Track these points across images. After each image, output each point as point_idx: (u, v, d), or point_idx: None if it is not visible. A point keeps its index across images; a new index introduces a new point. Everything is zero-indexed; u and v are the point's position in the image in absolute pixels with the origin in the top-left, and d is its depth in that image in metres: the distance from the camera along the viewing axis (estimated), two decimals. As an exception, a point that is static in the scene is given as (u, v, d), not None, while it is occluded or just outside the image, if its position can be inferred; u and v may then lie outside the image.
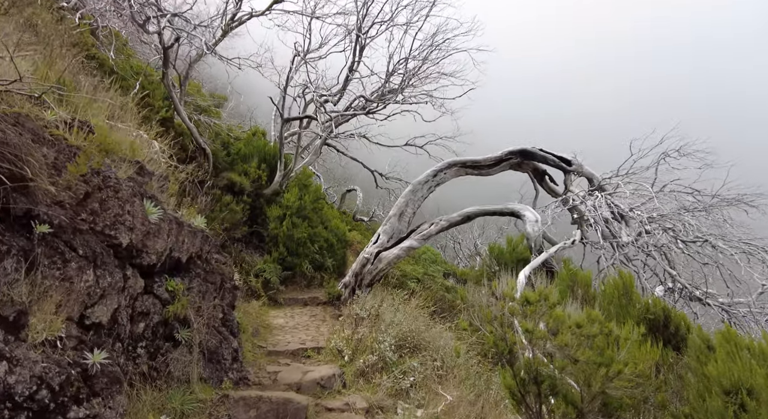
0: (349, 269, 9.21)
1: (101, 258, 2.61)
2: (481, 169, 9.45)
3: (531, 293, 3.88)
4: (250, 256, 9.98)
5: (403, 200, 9.16)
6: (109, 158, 3.29)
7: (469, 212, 8.44)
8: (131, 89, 9.34)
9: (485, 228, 20.27)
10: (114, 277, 2.70)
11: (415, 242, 8.53)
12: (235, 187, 10.59)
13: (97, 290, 2.52)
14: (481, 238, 20.40)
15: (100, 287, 2.54)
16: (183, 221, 4.01)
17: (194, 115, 11.66)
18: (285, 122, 10.89)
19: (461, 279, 15.02)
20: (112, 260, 2.80)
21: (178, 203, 8.93)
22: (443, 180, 9.40)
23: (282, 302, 8.98)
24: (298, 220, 10.50)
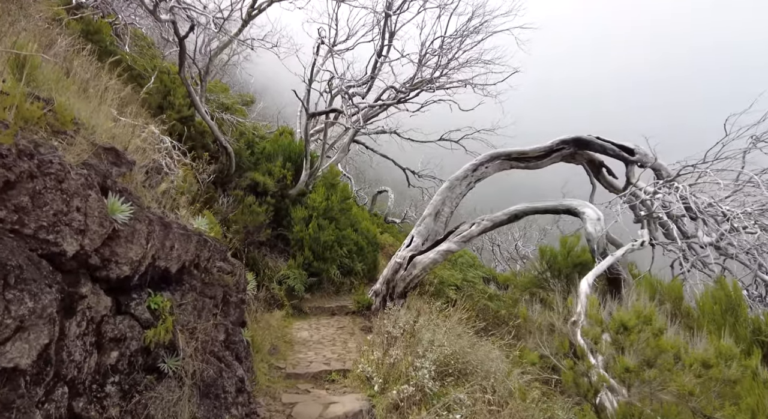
0: (380, 275, 8.31)
1: (19, 275, 1.84)
2: (528, 161, 8.34)
3: (625, 314, 2.84)
4: (274, 261, 9.28)
5: (439, 197, 8.19)
6: (60, 139, 2.54)
7: (517, 210, 7.36)
8: (148, 85, 8.87)
9: (527, 229, 18.90)
10: (42, 300, 1.92)
11: (454, 245, 7.54)
12: (259, 187, 9.94)
13: (8, 320, 1.74)
14: (523, 239, 19.03)
15: (13, 317, 1.76)
16: (171, 222, 3.23)
17: (217, 113, 11.13)
18: (310, 118, 10.16)
19: (503, 285, 13.83)
20: (47, 276, 2.04)
21: (193, 203, 8.36)
22: (484, 175, 8.37)
23: (307, 312, 8.20)
24: (324, 222, 9.73)
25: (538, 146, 8.19)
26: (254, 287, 8.02)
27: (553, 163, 8.37)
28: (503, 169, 8.45)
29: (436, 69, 9.81)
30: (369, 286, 13.44)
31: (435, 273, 9.76)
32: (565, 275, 7.74)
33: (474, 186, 8.43)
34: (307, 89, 10.02)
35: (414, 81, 9.99)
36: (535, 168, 8.38)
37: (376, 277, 14.70)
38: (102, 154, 2.99)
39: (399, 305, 7.51)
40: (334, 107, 9.49)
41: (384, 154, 13.83)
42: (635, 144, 7.74)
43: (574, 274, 7.72)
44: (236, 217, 8.80)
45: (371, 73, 9.94)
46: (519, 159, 8.36)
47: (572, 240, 7.81)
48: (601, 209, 6.94)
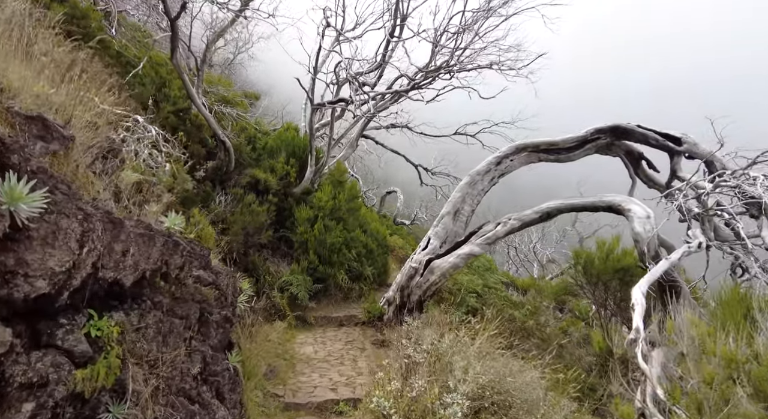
0: (393, 282, 7.45)
1: None
2: (558, 153, 7.44)
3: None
4: (276, 265, 8.46)
5: (458, 194, 7.32)
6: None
7: (550, 207, 6.46)
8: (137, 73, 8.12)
9: (545, 229, 17.92)
10: None
11: (477, 248, 6.66)
12: (260, 185, 9.14)
13: None
14: (541, 241, 18.05)
15: None
16: (124, 219, 2.41)
17: (216, 105, 10.36)
18: (315, 109, 9.35)
19: (522, 290, 12.90)
20: None
21: (184, 201, 7.57)
22: (509, 169, 7.49)
23: (312, 322, 7.37)
24: (331, 222, 8.90)
25: (571, 136, 7.29)
26: (252, 296, 7.22)
27: (586, 154, 7.46)
28: (530, 162, 7.57)
29: (454, 51, 8.89)
30: (379, 292, 12.59)
31: (453, 278, 8.88)
32: (603, 282, 6.82)
33: (497, 181, 7.55)
34: (312, 78, 9.21)
35: (429, 66, 9.09)
36: (567, 161, 7.48)
37: (386, 282, 13.86)
38: (22, 124, 2.17)
39: (416, 318, 6.66)
40: (342, 97, 8.67)
41: (395, 149, 12.96)
42: (682, 133, 6.81)
43: (614, 281, 6.80)
44: (235, 217, 8.00)
45: (382, 59, 9.06)
46: (548, 151, 7.47)
47: (611, 242, 6.88)
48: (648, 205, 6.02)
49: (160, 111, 9.06)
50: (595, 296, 6.88)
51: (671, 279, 5.30)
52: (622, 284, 6.59)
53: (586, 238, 24.86)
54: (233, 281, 4.21)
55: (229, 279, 4.01)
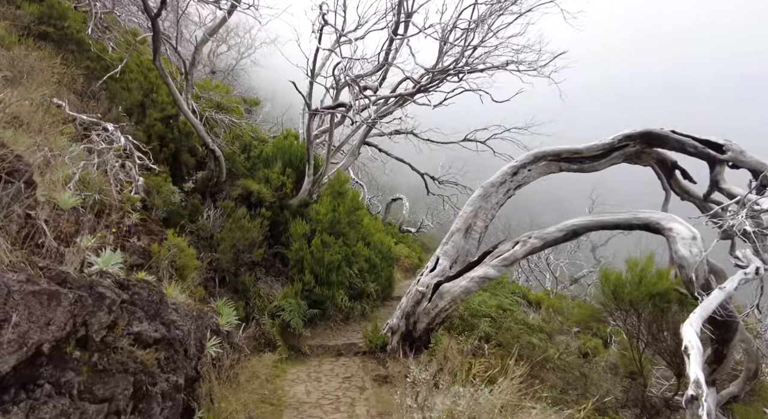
0: (396, 308, 6.67)
1: None
2: (582, 162, 6.65)
3: None
4: (269, 285, 7.71)
5: (469, 209, 6.54)
6: None
7: (576, 225, 5.66)
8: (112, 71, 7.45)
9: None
10: None
11: (492, 270, 5.87)
12: (253, 197, 8.42)
13: None
14: (554, 251, 17.17)
15: None
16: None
17: (208, 111, 9.69)
18: (313, 115, 8.64)
19: (534, 305, 12.05)
20: None
21: (166, 221, 6.86)
22: (526, 180, 6.71)
23: (307, 352, 6.59)
24: (330, 238, 8.14)
25: (596, 143, 6.50)
26: (239, 323, 6.47)
27: (612, 164, 6.66)
28: (550, 172, 6.78)
29: (464, 49, 8.09)
30: (384, 308, 11.79)
31: (463, 299, 8.08)
32: (635, 309, 5.99)
33: (513, 194, 6.77)
34: (310, 82, 8.50)
35: (436, 67, 8.30)
36: (591, 171, 6.68)
37: (391, 295, 13.09)
38: None
39: (423, 350, 5.88)
40: (341, 102, 7.95)
41: (399, 157, 12.20)
42: (725, 139, 5.99)
43: (647, 307, 5.97)
44: (223, 233, 7.28)
45: (385, 59, 8.31)
46: (570, 160, 6.68)
47: (644, 262, 6.06)
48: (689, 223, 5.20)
49: (147, 118, 8.42)
50: (626, 324, 6.06)
51: (728, 314, 4.47)
52: (657, 311, 5.76)
53: (599, 246, 23.92)
54: (201, 325, 3.46)
55: (195, 324, 3.26)
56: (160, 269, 4.67)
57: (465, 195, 12.25)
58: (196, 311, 3.76)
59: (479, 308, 7.47)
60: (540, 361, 6.71)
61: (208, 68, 22.55)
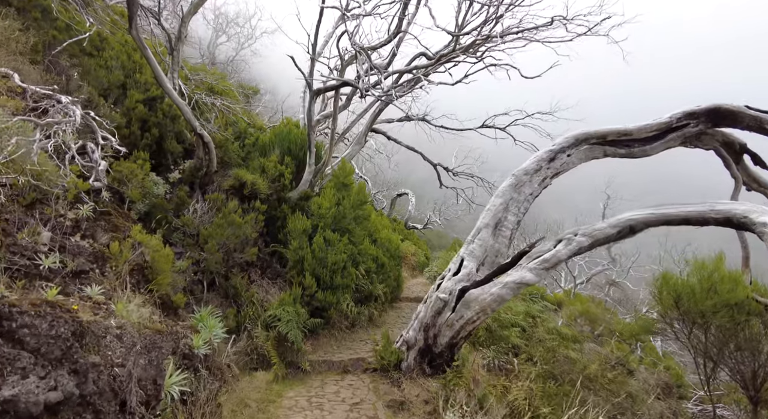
0: (413, 319, 5.69)
1: None
2: (630, 146, 5.63)
3: None
4: (265, 289, 6.73)
5: (499, 201, 5.53)
6: None
7: (634, 219, 4.63)
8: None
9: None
10: None
11: (530, 274, 4.87)
12: (246, 189, 7.44)
13: None
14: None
15: None
16: None
17: (198, 94, 8.70)
18: (314, 96, 7.63)
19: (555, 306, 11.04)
20: None
21: (146, 217, 5.87)
22: (566, 166, 5.70)
23: (308, 370, 5.60)
24: (334, 235, 7.16)
25: (649, 122, 5.47)
26: (229, 337, 5.50)
27: (668, 147, 5.63)
28: (593, 157, 5.76)
29: (487, 21, 6.90)
30: (392, 311, 10.81)
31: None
32: (703, 321, 4.96)
33: (550, 183, 5.76)
34: (311, 58, 7.48)
35: (464, 27, 7.11)
36: (642, 155, 5.66)
37: (399, 296, 12.13)
38: None
39: (444, 377, 4.90)
40: (346, 80, 6.94)
41: (411, 146, 11.15)
42: (810, 115, 4.95)
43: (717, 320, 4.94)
44: (210, 230, 6.30)
45: (398, 27, 7.20)
46: (617, 143, 5.65)
47: (711, 264, 5.03)
48: None
49: (127, 99, 7.45)
50: (691, 340, 5.05)
51: None
52: (732, 324, 4.75)
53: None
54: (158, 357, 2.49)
55: (147, 357, 2.28)
56: (120, 275, 3.69)
57: (482, 188, 11.26)
58: (156, 334, 2.78)
59: (507, 317, 6.47)
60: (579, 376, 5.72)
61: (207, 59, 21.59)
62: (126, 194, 5.92)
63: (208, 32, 24.64)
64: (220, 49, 24.50)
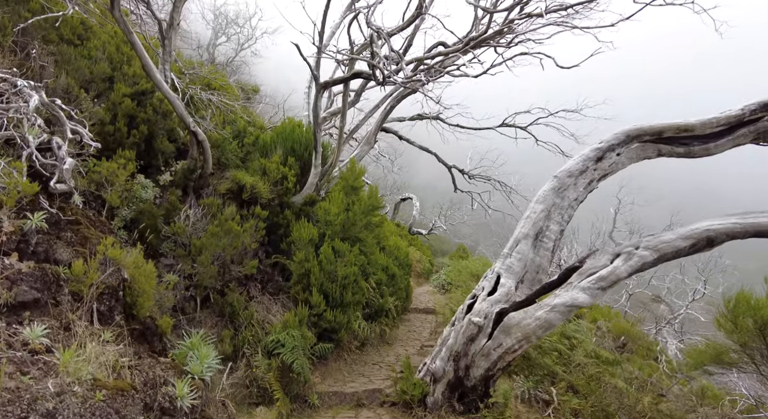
0: (438, 346, 4.89)
1: None
2: (690, 143, 4.86)
3: None
4: (266, 308, 5.93)
5: (540, 207, 4.76)
6: None
7: (713, 230, 3.85)
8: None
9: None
10: None
11: (583, 295, 4.09)
12: (244, 193, 6.66)
13: None
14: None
15: None
16: None
17: (192, 89, 7.93)
18: (322, 89, 6.87)
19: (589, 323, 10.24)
20: None
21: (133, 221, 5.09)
22: (614, 168, 4.94)
23: (316, 404, 4.79)
24: (344, 245, 6.37)
25: (716, 116, 4.70)
26: (223, 366, 4.69)
27: (736, 145, 4.86)
28: (645, 157, 4.99)
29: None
30: (403, 323, 10.03)
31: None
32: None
33: (597, 186, 4.99)
34: (318, 48, 6.73)
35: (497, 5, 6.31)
36: (704, 155, 4.88)
37: (408, 308, 11.34)
38: None
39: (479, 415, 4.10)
40: (358, 70, 6.18)
41: (425, 146, 10.37)
42: None
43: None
44: (203, 240, 5.51)
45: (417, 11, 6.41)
46: (674, 140, 4.89)
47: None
48: None
49: (113, 93, 6.68)
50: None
51: None
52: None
53: None
54: None
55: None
56: (84, 302, 2.89)
57: (500, 192, 10.49)
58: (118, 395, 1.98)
59: (544, 340, 5.67)
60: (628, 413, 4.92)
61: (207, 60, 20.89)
62: (110, 198, 5.16)
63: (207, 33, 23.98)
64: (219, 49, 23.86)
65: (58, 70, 5.86)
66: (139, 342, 3.88)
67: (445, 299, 12.88)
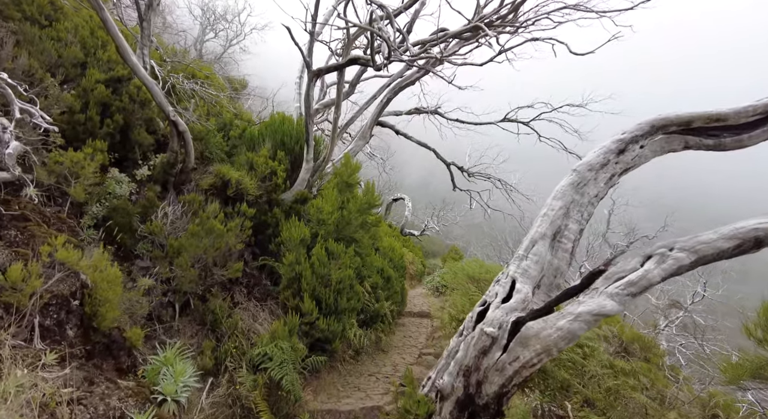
0: (444, 357, 4.40)
1: None
2: (721, 135, 4.45)
3: None
4: (252, 315, 5.37)
5: (558, 204, 4.30)
6: None
7: (763, 229, 3.42)
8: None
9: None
10: None
11: (611, 302, 3.63)
12: (229, 189, 6.10)
13: None
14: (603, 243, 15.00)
15: None
16: None
17: (175, 77, 7.35)
18: (315, 78, 6.34)
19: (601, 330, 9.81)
20: None
21: (104, 219, 4.53)
22: (638, 161, 4.52)
23: (308, 425, 4.26)
24: (338, 246, 5.84)
25: (752, 104, 4.29)
26: (203, 383, 4.14)
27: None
28: (670, 150, 4.57)
29: None
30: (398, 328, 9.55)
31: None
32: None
33: (618, 182, 4.56)
34: (310, 33, 6.21)
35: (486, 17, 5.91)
36: (735, 147, 4.46)
37: (403, 311, 10.85)
38: None
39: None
40: (355, 56, 5.66)
41: (423, 142, 9.86)
42: None
43: None
44: (182, 241, 4.95)
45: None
46: (703, 131, 4.47)
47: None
48: None
49: (85, 78, 6.08)
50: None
51: None
52: None
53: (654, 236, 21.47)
54: None
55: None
56: (24, 316, 2.34)
57: (501, 191, 10.04)
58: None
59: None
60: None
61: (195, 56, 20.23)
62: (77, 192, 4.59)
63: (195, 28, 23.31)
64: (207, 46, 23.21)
65: (19, 50, 5.25)
66: (102, 358, 3.32)
67: (440, 302, 12.41)
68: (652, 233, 18.70)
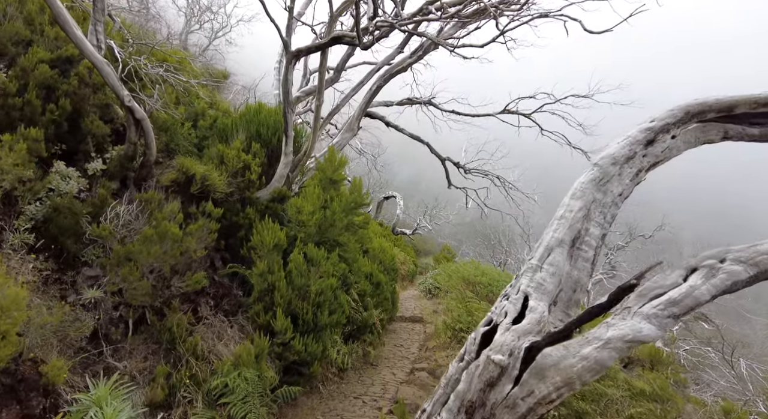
0: (442, 387, 3.69)
1: None
2: (765, 123, 3.77)
3: None
4: (217, 333, 4.61)
5: (577, 204, 3.62)
6: None
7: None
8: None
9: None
10: None
11: (649, 326, 2.95)
12: (194, 185, 5.33)
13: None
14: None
15: None
16: None
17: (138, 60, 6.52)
18: (294, 59, 5.59)
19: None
20: None
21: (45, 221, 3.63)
22: (668, 154, 3.86)
23: (278, 470, 3.54)
24: (319, 251, 5.09)
25: (802, 86, 3.62)
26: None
27: (821, 127, 3.79)
28: (706, 140, 3.90)
29: None
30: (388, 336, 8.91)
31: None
32: None
33: (645, 178, 3.88)
34: (289, 8, 5.44)
35: None
36: (780, 138, 3.81)
37: (394, 317, 10.21)
38: None
39: None
40: (339, 34, 4.92)
41: (416, 135, 9.11)
42: None
43: None
44: (130, 247, 4.17)
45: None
46: (744, 118, 3.80)
47: None
48: None
49: (25, 57, 5.26)
50: None
51: None
52: None
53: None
54: None
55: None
56: None
57: (499, 189, 9.36)
58: None
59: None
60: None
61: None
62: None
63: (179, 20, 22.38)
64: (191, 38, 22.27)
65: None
66: (2, 405, 2.56)
67: (433, 306, 11.77)
68: (649, 233, 18.25)
